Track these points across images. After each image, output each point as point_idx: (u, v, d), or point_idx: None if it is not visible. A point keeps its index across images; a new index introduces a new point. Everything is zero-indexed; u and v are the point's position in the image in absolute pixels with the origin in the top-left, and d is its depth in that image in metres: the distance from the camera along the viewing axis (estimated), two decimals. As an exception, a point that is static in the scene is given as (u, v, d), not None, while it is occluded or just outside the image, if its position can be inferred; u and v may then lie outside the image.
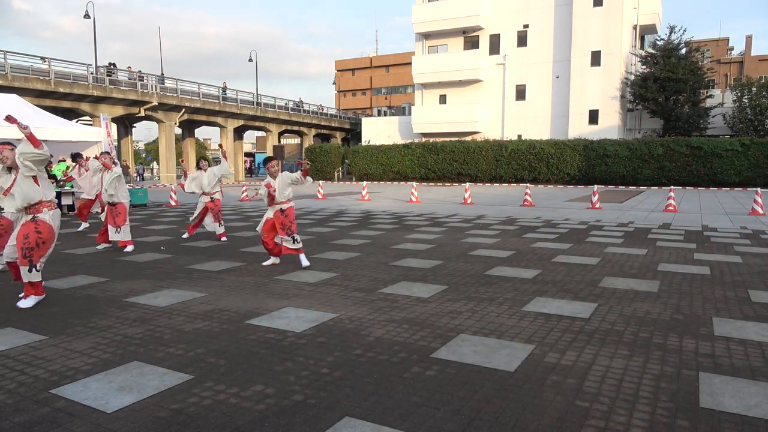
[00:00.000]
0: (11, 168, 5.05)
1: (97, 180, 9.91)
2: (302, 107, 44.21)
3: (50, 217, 5.06)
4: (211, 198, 9.34)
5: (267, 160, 7.15)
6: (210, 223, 9.38)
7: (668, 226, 11.42)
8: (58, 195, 13.65)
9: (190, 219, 9.92)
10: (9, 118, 4.68)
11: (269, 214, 6.92)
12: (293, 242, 6.69)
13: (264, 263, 7.06)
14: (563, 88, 35.54)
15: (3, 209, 5.88)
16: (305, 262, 6.82)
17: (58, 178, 14.16)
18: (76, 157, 11.76)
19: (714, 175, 27.03)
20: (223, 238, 9.34)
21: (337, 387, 3.13)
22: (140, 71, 32.02)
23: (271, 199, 6.84)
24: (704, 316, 4.60)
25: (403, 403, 2.92)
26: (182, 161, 12.99)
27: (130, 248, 8.22)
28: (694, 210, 15.09)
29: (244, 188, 22.09)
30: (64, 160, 14.85)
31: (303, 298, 5.22)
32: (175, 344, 3.90)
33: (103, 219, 8.75)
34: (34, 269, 4.89)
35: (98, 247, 8.47)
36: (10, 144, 5.08)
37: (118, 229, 8.18)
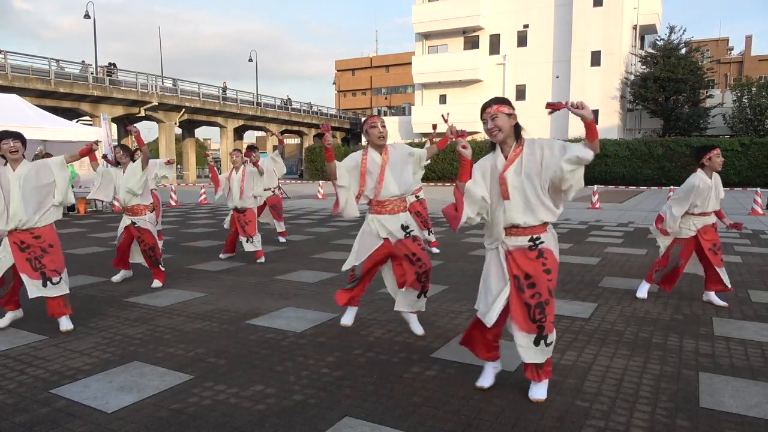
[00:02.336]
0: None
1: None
2: (291, 105, 43.91)
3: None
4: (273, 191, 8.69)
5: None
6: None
7: (668, 226, 11.41)
8: None
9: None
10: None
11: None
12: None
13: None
14: (563, 88, 35.52)
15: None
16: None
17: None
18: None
19: (714, 175, 27.00)
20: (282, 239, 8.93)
21: (337, 387, 3.13)
22: (109, 64, 31.98)
23: None
24: (704, 316, 4.60)
25: (403, 403, 2.92)
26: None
27: (262, 260, 7.28)
28: (694, 210, 15.05)
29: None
30: None
31: (303, 298, 5.22)
32: (175, 344, 3.90)
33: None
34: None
35: (221, 256, 7.59)
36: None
37: (250, 239, 7.12)
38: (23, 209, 4.10)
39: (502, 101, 2.84)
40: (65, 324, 4.23)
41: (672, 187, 16.97)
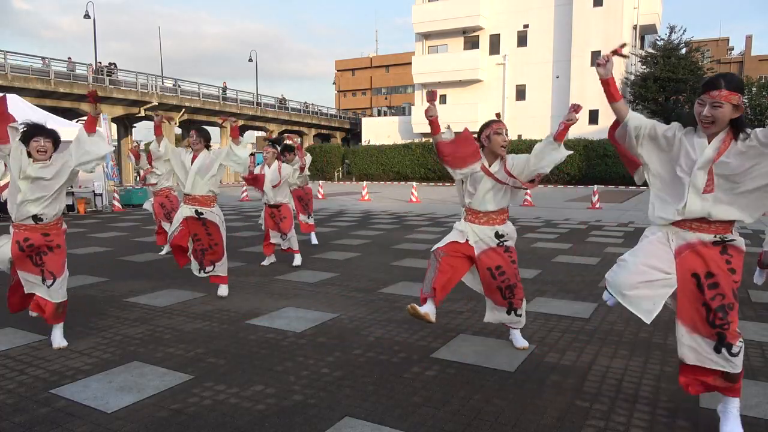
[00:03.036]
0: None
1: None
2: (285, 104, 43.80)
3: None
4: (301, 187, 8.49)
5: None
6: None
7: (668, 226, 11.41)
8: None
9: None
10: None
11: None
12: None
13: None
14: (563, 88, 35.52)
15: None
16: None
17: None
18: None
19: (714, 175, 27.02)
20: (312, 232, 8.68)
21: (337, 387, 3.13)
22: (106, 63, 31.99)
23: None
24: (704, 316, 4.59)
25: (403, 403, 2.92)
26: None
27: (298, 261, 7.00)
28: (694, 210, 15.07)
29: (245, 188, 22.08)
30: None
31: (303, 298, 5.22)
32: (175, 344, 3.90)
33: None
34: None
35: (264, 263, 7.12)
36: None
37: (284, 236, 6.89)
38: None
39: (732, 86, 2.43)
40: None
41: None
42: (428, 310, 3.30)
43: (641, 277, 2.52)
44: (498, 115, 3.17)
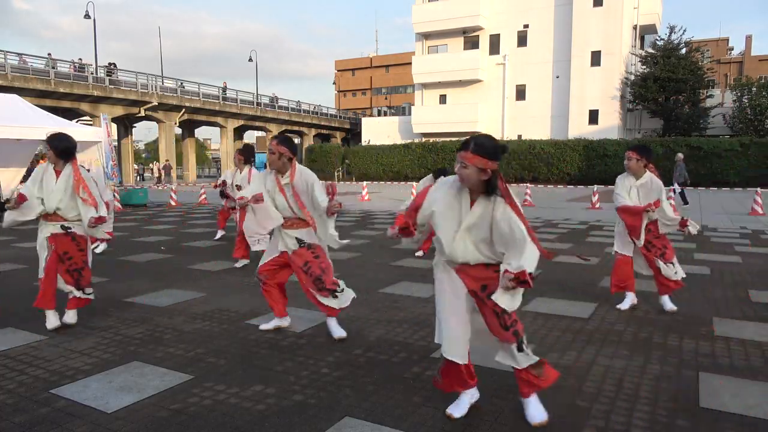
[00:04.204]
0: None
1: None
2: (277, 104, 43.73)
3: None
4: None
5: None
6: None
7: (668, 226, 11.41)
8: None
9: None
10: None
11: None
12: None
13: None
14: (563, 88, 35.52)
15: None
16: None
17: None
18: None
19: (714, 175, 27.01)
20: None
21: (337, 387, 3.13)
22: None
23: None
24: (704, 316, 4.60)
25: (403, 403, 2.92)
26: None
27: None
28: (694, 210, 15.08)
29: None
30: None
31: (303, 298, 5.20)
32: (175, 344, 3.90)
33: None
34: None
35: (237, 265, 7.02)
36: None
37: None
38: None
39: (478, 150, 2.52)
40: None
41: (672, 186, 16.96)
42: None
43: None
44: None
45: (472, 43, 38.67)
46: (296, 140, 55.84)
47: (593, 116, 34.69)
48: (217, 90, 37.68)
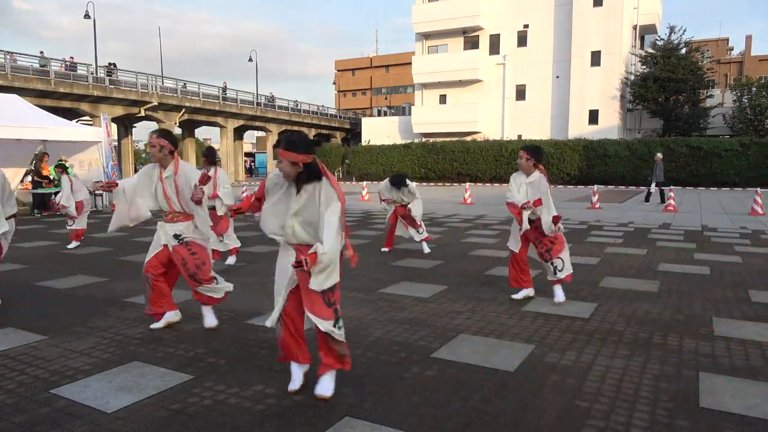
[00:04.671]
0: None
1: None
2: (274, 103, 43.61)
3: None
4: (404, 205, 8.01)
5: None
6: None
7: (668, 226, 11.42)
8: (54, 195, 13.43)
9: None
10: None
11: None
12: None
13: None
14: (563, 88, 35.52)
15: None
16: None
17: (52, 178, 14.09)
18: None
19: (714, 175, 27.02)
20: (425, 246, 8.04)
21: (337, 387, 3.13)
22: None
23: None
24: (704, 316, 4.60)
25: (403, 403, 2.92)
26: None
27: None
28: (694, 210, 15.09)
29: (244, 188, 22.09)
30: (65, 161, 14.83)
31: (303, 298, 5.21)
32: (175, 344, 3.90)
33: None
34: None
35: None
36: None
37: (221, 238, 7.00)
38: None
39: (288, 146, 2.81)
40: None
41: (672, 186, 16.98)
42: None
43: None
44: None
45: (472, 43, 38.67)
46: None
47: (593, 116, 34.69)
48: (217, 90, 37.67)
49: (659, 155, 17.29)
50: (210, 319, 4.29)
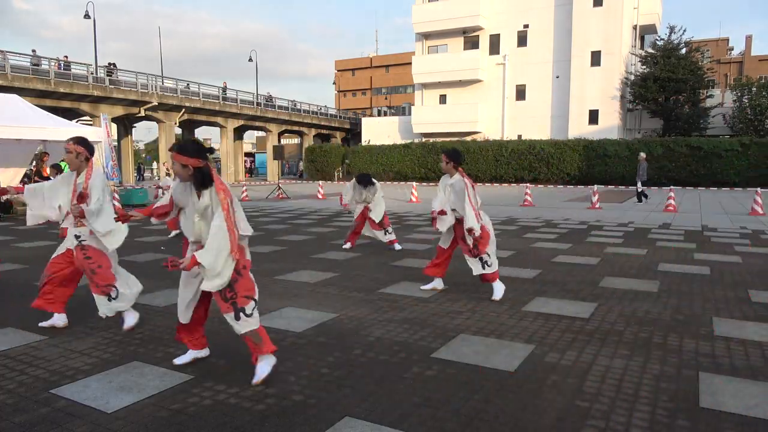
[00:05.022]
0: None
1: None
2: (272, 103, 43.53)
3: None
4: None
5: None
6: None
7: (668, 226, 11.42)
8: None
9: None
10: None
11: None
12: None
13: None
14: (563, 88, 35.53)
15: None
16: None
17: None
18: None
19: (714, 175, 27.02)
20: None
21: (337, 387, 3.13)
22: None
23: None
24: (704, 316, 4.60)
25: (403, 403, 2.92)
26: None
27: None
28: (694, 210, 15.09)
29: (244, 188, 22.10)
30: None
31: (303, 298, 5.22)
32: (175, 344, 3.89)
33: None
34: None
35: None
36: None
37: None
38: None
39: (179, 150, 3.08)
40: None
41: (672, 186, 16.99)
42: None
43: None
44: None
45: (472, 43, 38.67)
46: (296, 140, 55.98)
47: (593, 116, 34.69)
48: (217, 90, 37.66)
49: (642, 155, 17.51)
50: (128, 320, 4.29)
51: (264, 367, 3.20)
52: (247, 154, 59.62)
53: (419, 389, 3.10)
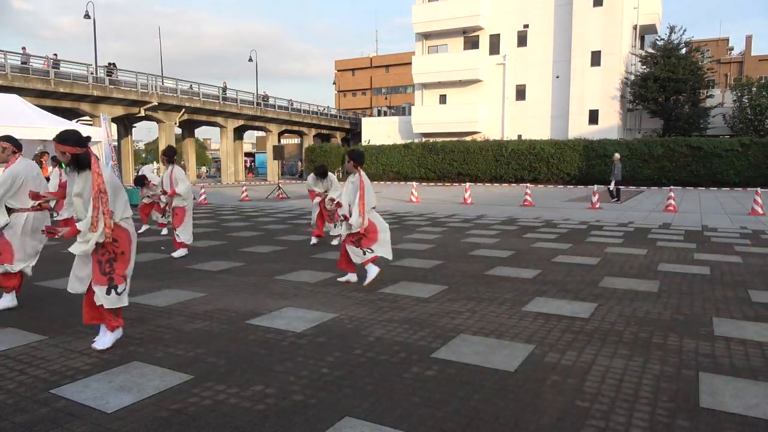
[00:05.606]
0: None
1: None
2: (268, 102, 43.42)
3: None
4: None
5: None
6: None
7: (668, 226, 11.42)
8: None
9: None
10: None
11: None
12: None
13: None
14: (563, 88, 35.53)
15: None
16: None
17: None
18: None
19: (714, 175, 27.02)
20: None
21: (337, 387, 3.13)
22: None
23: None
24: (704, 316, 4.60)
25: (403, 403, 2.92)
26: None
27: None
28: (694, 210, 15.09)
29: (244, 188, 22.11)
30: None
31: (303, 298, 5.22)
32: (175, 344, 3.90)
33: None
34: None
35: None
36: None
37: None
38: None
39: (59, 139, 3.63)
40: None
41: (672, 186, 17.00)
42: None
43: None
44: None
45: (472, 43, 38.67)
46: (296, 140, 55.94)
47: (593, 116, 34.69)
48: (217, 90, 37.67)
49: (617, 155, 17.95)
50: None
51: (104, 340, 3.78)
52: (247, 154, 59.65)
53: (419, 389, 3.10)
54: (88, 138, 3.77)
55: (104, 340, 3.79)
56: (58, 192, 3.99)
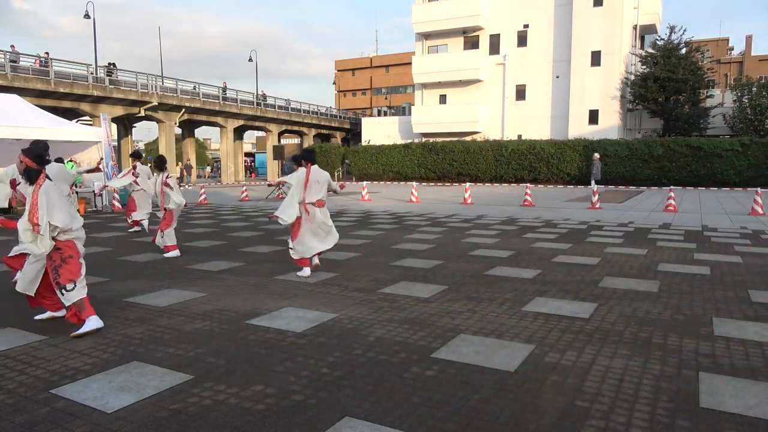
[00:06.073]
0: None
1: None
2: (266, 101, 43.30)
3: None
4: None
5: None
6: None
7: (668, 226, 11.42)
8: None
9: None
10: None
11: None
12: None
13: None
14: (563, 88, 35.52)
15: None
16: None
17: None
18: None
19: (714, 175, 27.01)
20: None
21: (337, 387, 3.13)
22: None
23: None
24: (704, 316, 4.60)
25: (403, 403, 2.92)
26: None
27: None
28: (694, 210, 15.09)
29: (244, 188, 22.11)
30: (74, 161, 14.86)
31: (303, 298, 5.22)
32: (175, 344, 3.90)
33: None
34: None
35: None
36: None
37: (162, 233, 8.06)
38: None
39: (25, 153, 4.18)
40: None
41: (672, 186, 16.99)
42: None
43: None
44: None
45: (472, 43, 38.65)
46: (296, 140, 55.94)
47: (593, 116, 34.68)
48: (217, 90, 37.65)
49: (596, 155, 17.77)
50: None
51: (93, 322, 4.12)
52: (247, 154, 59.62)
53: (419, 389, 3.10)
54: (49, 161, 4.25)
55: (80, 329, 4.12)
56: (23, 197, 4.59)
